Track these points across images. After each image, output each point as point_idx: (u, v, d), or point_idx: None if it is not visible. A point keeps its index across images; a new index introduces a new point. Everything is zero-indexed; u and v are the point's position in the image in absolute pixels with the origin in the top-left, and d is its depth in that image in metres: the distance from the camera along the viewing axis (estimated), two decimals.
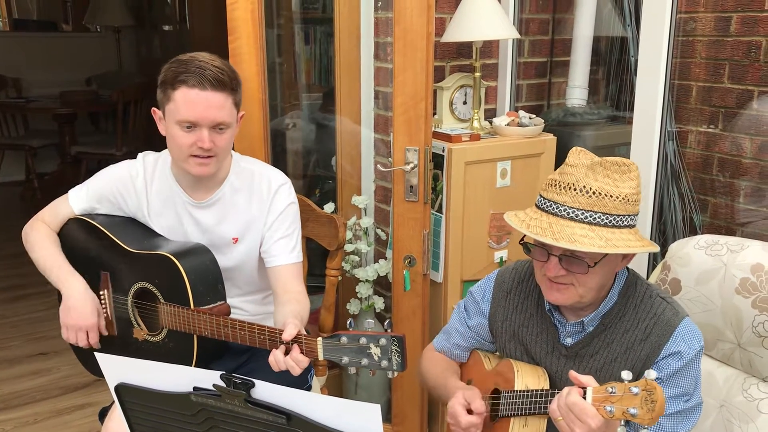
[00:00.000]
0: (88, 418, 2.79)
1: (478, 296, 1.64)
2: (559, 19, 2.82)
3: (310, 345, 1.44)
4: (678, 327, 1.37)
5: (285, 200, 1.80)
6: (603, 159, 1.33)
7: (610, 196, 1.30)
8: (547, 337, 1.50)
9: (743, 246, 1.61)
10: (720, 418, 1.61)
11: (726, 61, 2.28)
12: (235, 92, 1.65)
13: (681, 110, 2.41)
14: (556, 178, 1.36)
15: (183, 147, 1.64)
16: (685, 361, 1.34)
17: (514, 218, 1.40)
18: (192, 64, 1.60)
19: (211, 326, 1.60)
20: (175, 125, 1.63)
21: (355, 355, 1.36)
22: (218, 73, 1.60)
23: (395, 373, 1.36)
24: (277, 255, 1.78)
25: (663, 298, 1.42)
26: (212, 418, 1.19)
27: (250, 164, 1.82)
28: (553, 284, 1.38)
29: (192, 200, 1.77)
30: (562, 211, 1.32)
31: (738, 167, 2.29)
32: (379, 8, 2.57)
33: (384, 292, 2.71)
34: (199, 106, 1.59)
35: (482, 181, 2.40)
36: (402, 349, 1.33)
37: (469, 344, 1.68)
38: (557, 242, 1.28)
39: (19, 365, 3.21)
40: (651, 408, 1.12)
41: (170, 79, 1.61)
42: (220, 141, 1.64)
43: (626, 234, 1.32)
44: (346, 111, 2.74)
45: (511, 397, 1.43)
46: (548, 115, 2.74)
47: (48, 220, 1.85)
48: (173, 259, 1.65)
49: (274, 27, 3.39)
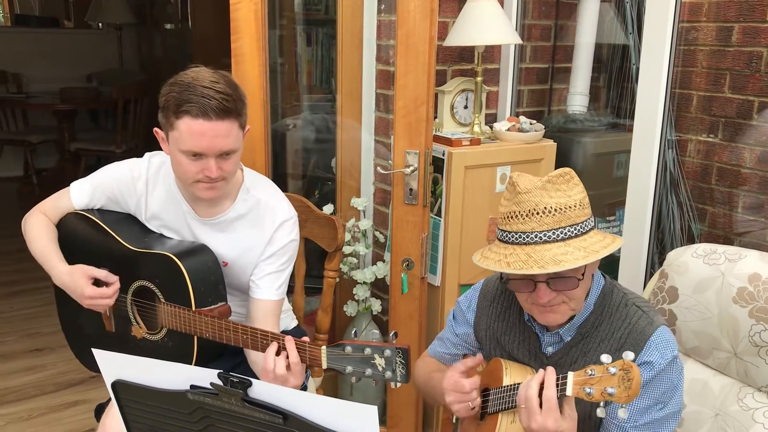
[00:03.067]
0: (82, 415, 2.78)
1: (464, 306, 1.66)
2: (562, 25, 2.82)
3: (314, 353, 1.43)
4: (651, 337, 1.37)
5: (287, 237, 1.75)
6: (548, 176, 1.34)
7: (570, 207, 1.32)
8: (529, 346, 1.51)
9: (741, 255, 1.62)
10: (715, 427, 1.61)
11: (727, 70, 2.28)
12: (241, 115, 1.58)
13: (681, 119, 2.42)
14: (514, 209, 1.34)
15: (189, 174, 1.59)
16: (655, 371, 1.34)
17: (486, 260, 1.38)
18: (195, 91, 1.51)
19: (212, 329, 1.59)
20: (180, 153, 1.57)
21: (358, 365, 1.35)
22: (223, 101, 1.51)
23: (398, 384, 1.35)
24: (262, 288, 1.75)
25: (639, 307, 1.42)
26: (208, 417, 1.19)
27: (259, 192, 1.77)
28: (546, 308, 1.38)
29: (194, 214, 1.75)
30: (534, 237, 1.32)
31: (737, 177, 2.30)
32: (382, 11, 2.58)
33: (381, 294, 2.71)
34: (205, 137, 1.53)
35: (482, 186, 2.40)
36: (406, 361, 1.33)
37: (460, 351, 1.69)
38: (545, 269, 1.29)
39: (13, 361, 3.20)
40: (627, 386, 1.15)
41: (173, 106, 1.53)
42: (228, 166, 1.60)
43: (594, 236, 1.35)
44: (346, 113, 2.74)
45: (500, 392, 1.44)
46: (549, 121, 2.75)
47: (48, 211, 1.84)
48: (175, 259, 1.65)
49: (276, 28, 3.40)
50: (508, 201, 1.36)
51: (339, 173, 2.82)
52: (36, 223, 1.82)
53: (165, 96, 1.55)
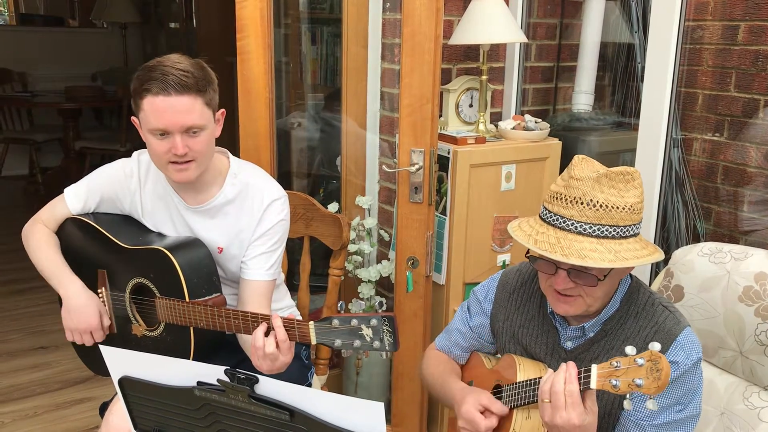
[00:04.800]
0: (87, 412, 2.79)
1: (481, 296, 1.64)
2: (567, 24, 2.82)
3: (302, 330, 1.43)
4: (678, 337, 1.36)
5: (276, 216, 1.76)
6: (608, 170, 1.33)
7: (617, 208, 1.30)
8: (548, 340, 1.50)
9: (747, 254, 1.62)
10: (720, 426, 1.61)
11: (733, 69, 2.28)
12: (204, 92, 1.60)
13: (687, 118, 2.41)
14: (562, 192, 1.34)
15: (160, 155, 1.61)
16: (680, 372, 1.34)
17: (519, 231, 1.39)
18: (156, 70, 1.56)
19: (206, 317, 1.60)
20: (149, 134, 1.60)
21: (347, 338, 1.36)
22: (182, 76, 1.55)
23: (388, 354, 1.36)
24: (253, 268, 1.75)
25: (665, 307, 1.41)
26: (215, 413, 1.19)
27: (247, 175, 1.78)
28: (561, 296, 1.38)
29: (184, 203, 1.76)
30: (569, 225, 1.31)
31: (743, 176, 2.29)
32: (388, 10, 2.58)
33: (386, 293, 2.71)
34: (165, 113, 1.56)
35: (487, 184, 2.40)
36: (393, 329, 1.33)
37: (469, 344, 1.68)
38: (567, 259, 1.28)
39: (19, 358, 3.21)
40: (657, 377, 1.13)
41: (137, 88, 1.58)
42: (196, 144, 1.60)
43: (632, 243, 1.32)
44: (351, 111, 2.75)
45: (513, 389, 1.44)
46: (554, 120, 2.74)
47: (46, 220, 1.84)
48: (167, 252, 1.65)
49: (281, 26, 3.40)
50: (561, 181, 1.36)
51: (344, 172, 2.82)
52: (37, 235, 1.82)
53: (133, 81, 1.60)
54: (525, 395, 1.40)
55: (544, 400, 1.27)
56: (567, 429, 1.24)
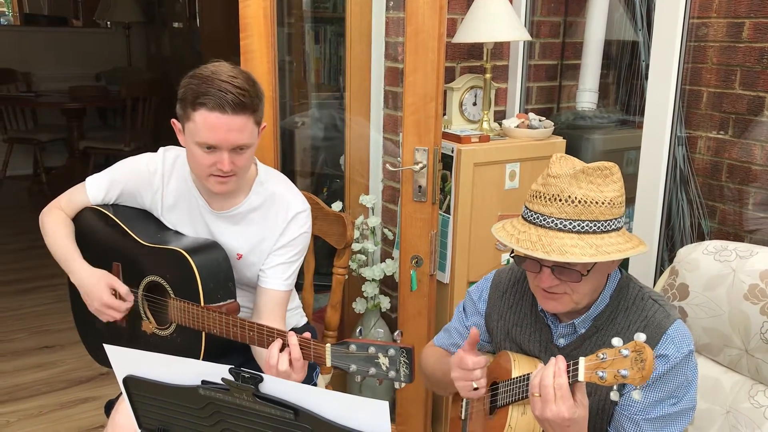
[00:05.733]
0: (92, 411, 2.80)
1: (475, 296, 1.66)
2: (571, 22, 2.81)
3: (318, 351, 1.43)
4: (668, 330, 1.36)
5: (299, 229, 1.77)
6: (585, 166, 1.33)
7: (596, 203, 1.30)
8: (541, 337, 1.51)
9: (752, 252, 1.61)
10: (726, 425, 1.60)
11: (738, 67, 2.27)
12: (257, 111, 1.59)
13: (691, 116, 2.41)
14: (540, 190, 1.35)
15: (203, 167, 1.61)
16: (671, 365, 1.34)
17: (502, 232, 1.39)
18: (213, 84, 1.53)
19: (220, 325, 1.60)
20: (194, 145, 1.59)
21: (363, 364, 1.35)
22: (239, 95, 1.53)
23: (402, 384, 1.35)
24: (271, 278, 1.76)
25: (655, 300, 1.41)
26: (220, 412, 1.19)
27: (273, 185, 1.78)
28: (548, 294, 1.39)
29: (209, 207, 1.76)
30: (549, 222, 1.32)
31: (747, 174, 2.28)
32: (391, 8, 2.58)
33: (390, 291, 2.71)
34: (219, 130, 1.54)
35: (491, 183, 2.39)
36: (410, 361, 1.33)
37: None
38: (548, 256, 1.29)
39: (24, 358, 3.21)
40: (641, 367, 1.14)
41: (190, 98, 1.55)
42: (240, 161, 1.61)
43: (615, 238, 1.33)
44: (355, 110, 2.74)
45: (509, 384, 1.44)
46: (558, 118, 2.74)
47: (65, 206, 1.85)
48: (186, 254, 1.66)
49: (284, 26, 3.40)
50: (540, 180, 1.37)
51: (348, 170, 2.82)
52: (54, 220, 1.83)
53: (184, 88, 1.58)
54: (520, 391, 1.40)
55: (534, 395, 1.27)
56: (557, 422, 1.24)
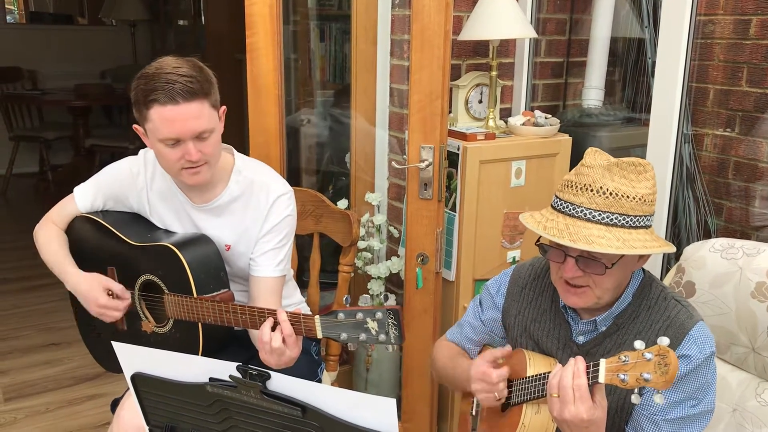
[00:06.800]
0: (99, 408, 2.81)
1: (493, 290, 1.65)
2: (577, 19, 2.81)
3: (308, 324, 1.44)
4: (691, 330, 1.36)
5: (282, 212, 1.75)
6: (619, 159, 1.33)
7: (627, 197, 1.30)
8: (560, 334, 1.50)
9: (759, 250, 1.61)
10: (732, 423, 1.60)
11: (744, 64, 2.26)
12: (209, 95, 1.59)
13: (698, 113, 2.40)
14: (572, 179, 1.35)
15: (172, 162, 1.61)
16: (693, 366, 1.33)
17: (530, 219, 1.39)
18: (159, 79, 1.53)
19: (213, 313, 1.61)
20: (158, 143, 1.59)
21: (352, 331, 1.36)
22: (187, 82, 1.53)
23: (393, 347, 1.36)
24: (262, 265, 1.75)
25: (678, 301, 1.41)
26: (227, 409, 1.20)
27: (252, 172, 1.78)
28: (570, 287, 1.38)
29: (190, 202, 1.76)
30: (579, 212, 1.32)
31: (754, 171, 2.28)
32: (397, 5, 2.57)
33: (396, 289, 2.71)
34: (176, 122, 1.54)
35: (496, 181, 2.39)
36: (399, 322, 1.33)
37: (481, 338, 1.68)
38: (574, 244, 1.28)
39: (31, 355, 3.23)
40: (665, 371, 1.13)
41: (141, 98, 1.55)
42: (207, 147, 1.60)
43: (642, 234, 1.32)
44: (361, 108, 2.74)
45: (524, 383, 1.44)
46: (564, 116, 2.73)
47: (56, 219, 1.87)
48: (174, 249, 1.66)
49: (290, 23, 3.40)
50: (573, 171, 1.37)
51: (353, 168, 2.82)
52: (46, 233, 1.84)
53: (134, 90, 1.58)
54: (535, 390, 1.40)
55: (552, 395, 1.26)
56: (575, 423, 1.24)
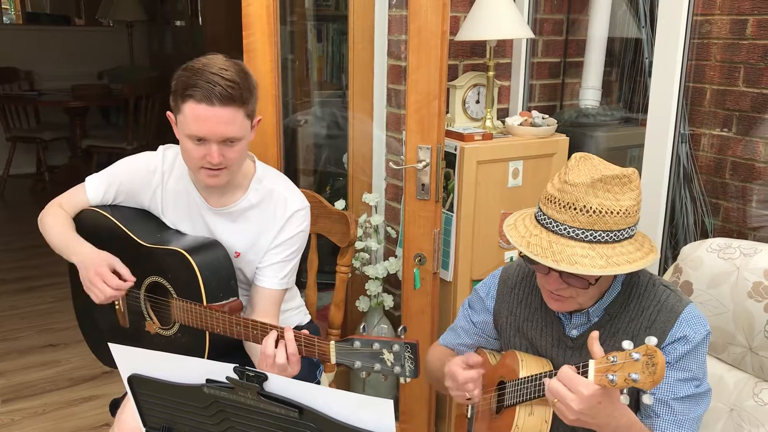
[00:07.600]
0: (96, 410, 2.80)
1: (483, 293, 1.65)
2: (574, 19, 2.81)
3: (322, 348, 1.44)
4: (682, 313, 1.37)
5: (297, 227, 1.76)
6: (603, 174, 1.30)
7: (611, 213, 1.29)
8: (552, 330, 1.51)
9: (756, 250, 1.61)
10: (730, 422, 1.60)
11: (741, 64, 2.26)
12: (247, 104, 1.58)
13: (695, 113, 2.40)
14: (556, 196, 1.33)
15: (194, 159, 1.61)
16: (692, 345, 1.35)
17: (514, 232, 1.39)
18: (203, 75, 1.53)
19: (223, 324, 1.60)
20: (185, 137, 1.59)
21: (367, 360, 1.36)
22: (228, 87, 1.52)
23: (408, 379, 1.35)
24: (266, 276, 1.75)
25: (666, 286, 1.43)
26: (224, 411, 1.20)
27: (272, 183, 1.78)
28: (554, 294, 1.40)
29: (207, 204, 1.76)
30: (562, 230, 1.32)
31: (751, 171, 2.28)
32: (394, 6, 2.57)
33: (393, 290, 2.71)
34: (207, 122, 1.54)
35: (494, 181, 2.39)
36: (415, 356, 1.33)
37: (474, 341, 1.69)
38: (557, 265, 1.29)
39: (29, 356, 3.22)
40: (652, 371, 1.13)
41: (180, 89, 1.55)
42: (231, 153, 1.60)
43: (626, 246, 1.33)
44: (358, 108, 2.74)
45: (516, 384, 1.44)
46: (561, 116, 2.73)
47: (65, 205, 1.84)
48: (186, 254, 1.65)
49: (287, 24, 3.40)
50: (557, 183, 1.35)
51: (350, 169, 2.82)
52: (53, 215, 1.81)
53: (176, 79, 1.58)
54: (527, 391, 1.40)
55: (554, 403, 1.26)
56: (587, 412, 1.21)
